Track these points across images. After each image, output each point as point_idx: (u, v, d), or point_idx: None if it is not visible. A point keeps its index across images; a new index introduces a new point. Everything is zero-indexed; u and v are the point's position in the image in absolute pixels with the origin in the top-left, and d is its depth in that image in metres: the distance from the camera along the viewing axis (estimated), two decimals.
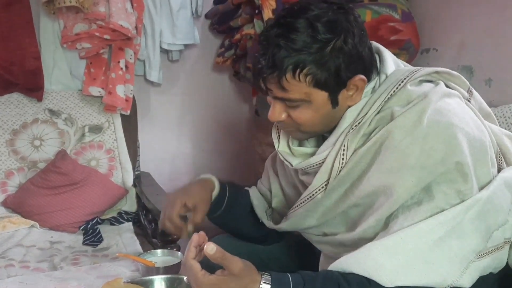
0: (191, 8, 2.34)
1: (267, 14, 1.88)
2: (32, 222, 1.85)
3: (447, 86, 0.97)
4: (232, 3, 2.15)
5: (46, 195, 1.91)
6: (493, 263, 0.91)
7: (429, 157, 0.85)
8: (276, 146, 1.08)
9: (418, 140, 0.85)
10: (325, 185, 0.97)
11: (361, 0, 1.96)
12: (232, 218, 1.21)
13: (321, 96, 0.92)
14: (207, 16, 2.42)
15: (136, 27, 2.07)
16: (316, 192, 0.99)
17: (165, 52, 2.40)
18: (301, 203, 1.03)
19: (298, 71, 0.89)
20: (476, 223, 0.85)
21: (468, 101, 1.00)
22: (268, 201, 1.24)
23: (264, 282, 0.84)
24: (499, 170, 0.94)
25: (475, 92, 1.03)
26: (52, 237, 1.81)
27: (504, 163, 0.97)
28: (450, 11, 1.90)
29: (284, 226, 1.11)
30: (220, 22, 2.32)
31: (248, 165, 2.71)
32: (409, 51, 1.93)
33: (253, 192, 1.26)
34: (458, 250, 0.84)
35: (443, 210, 0.84)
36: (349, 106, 0.95)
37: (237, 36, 2.12)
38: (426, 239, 0.83)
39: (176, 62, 2.48)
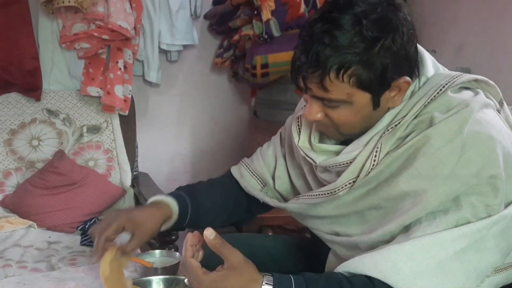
0: (190, 8, 2.34)
1: (266, 15, 1.89)
2: (30, 222, 1.84)
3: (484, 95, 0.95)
4: (231, 4, 2.15)
5: (44, 195, 1.90)
6: (507, 279, 0.90)
7: (465, 168, 0.83)
8: (296, 140, 1.03)
9: (456, 150, 0.83)
10: (351, 183, 0.94)
11: None
12: (202, 222, 1.15)
13: (363, 97, 0.88)
14: (206, 17, 2.43)
15: (134, 27, 2.07)
16: (339, 189, 0.95)
17: (163, 52, 2.40)
18: (318, 195, 0.99)
19: (342, 71, 0.84)
20: (499, 239, 0.84)
21: (499, 112, 0.97)
22: (262, 179, 1.19)
23: (266, 283, 0.83)
24: None
25: (505, 104, 1.00)
26: (50, 237, 1.80)
27: None
28: (448, 13, 1.91)
29: (292, 207, 1.07)
30: (219, 23, 2.33)
31: None
32: None
33: (238, 171, 1.22)
34: (477, 264, 0.83)
35: (468, 222, 0.83)
36: (389, 108, 0.91)
37: (236, 37, 2.12)
38: (448, 249, 0.82)
39: (174, 63, 2.48)
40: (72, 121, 2.11)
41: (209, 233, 0.82)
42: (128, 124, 2.20)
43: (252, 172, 1.21)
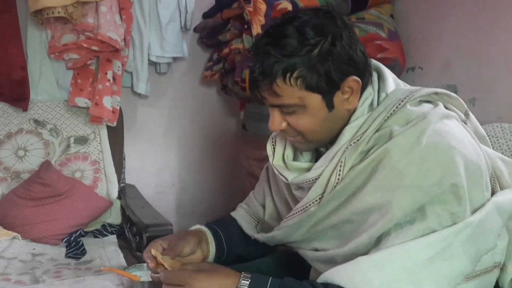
0: (180, 21, 2.35)
1: (256, 29, 1.90)
2: (14, 234, 1.82)
3: (445, 107, 0.98)
4: (221, 17, 2.16)
5: (29, 206, 1.88)
6: (480, 286, 0.91)
7: (426, 178, 0.84)
8: (270, 159, 1.08)
9: (415, 161, 0.85)
10: (319, 198, 0.97)
11: (349, 19, 1.98)
12: (234, 255, 1.21)
13: (314, 99, 0.92)
14: (196, 29, 2.44)
15: (124, 39, 2.07)
16: (309, 205, 0.99)
17: (153, 64, 2.40)
18: (294, 214, 1.03)
19: (288, 75, 0.89)
20: (466, 246, 0.86)
21: (465, 123, 1.01)
22: (258, 217, 1.25)
23: (243, 276, 0.89)
24: (492, 193, 0.94)
25: (471, 115, 1.04)
26: (34, 249, 1.78)
27: (498, 186, 0.98)
28: (435, 31, 1.94)
29: (276, 235, 1.11)
30: (209, 36, 2.33)
31: (235, 179, 2.71)
32: (395, 69, 1.95)
33: (239, 214, 1.27)
34: (446, 272, 0.84)
35: (434, 231, 0.85)
36: (348, 110, 0.96)
37: (226, 50, 2.13)
38: (415, 258, 0.84)
39: (164, 75, 2.48)
40: (59, 131, 2.09)
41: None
42: (116, 136, 2.19)
43: (248, 214, 1.27)
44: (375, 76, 0.99)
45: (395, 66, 1.95)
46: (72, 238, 1.86)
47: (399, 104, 0.92)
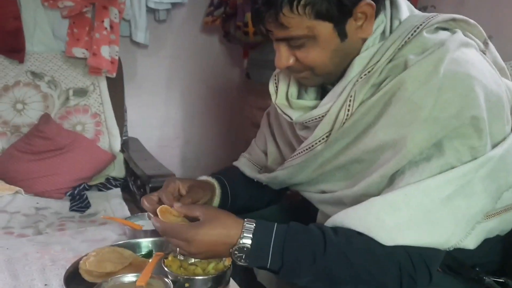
0: None
1: None
2: (17, 188, 1.79)
3: (463, 35, 0.90)
4: None
5: (30, 160, 1.85)
6: (500, 225, 0.88)
7: (444, 110, 0.78)
8: (273, 98, 1.01)
9: (432, 92, 0.79)
10: (326, 136, 0.91)
11: None
12: (239, 205, 1.16)
13: (325, 28, 0.84)
14: None
15: None
16: (316, 143, 0.93)
17: (151, 11, 2.32)
18: (299, 153, 0.97)
19: (295, 2, 0.81)
20: (487, 183, 0.80)
21: (483, 52, 0.93)
22: (261, 164, 1.19)
23: (247, 221, 0.82)
24: None
25: (490, 44, 0.96)
26: (37, 203, 1.76)
27: None
28: None
29: (279, 174, 1.05)
30: None
31: (239, 130, 2.66)
32: None
33: (242, 163, 1.22)
34: (465, 210, 0.79)
35: (453, 167, 0.79)
36: (362, 39, 0.87)
37: None
38: (433, 196, 0.78)
39: (163, 23, 2.40)
40: (57, 84, 2.03)
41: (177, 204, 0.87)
42: (116, 88, 2.13)
43: (250, 161, 1.21)
44: (387, 2, 0.91)
45: None
46: (75, 192, 1.84)
47: (415, 31, 0.85)
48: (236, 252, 0.81)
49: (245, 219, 0.83)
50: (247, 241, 0.80)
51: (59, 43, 2.10)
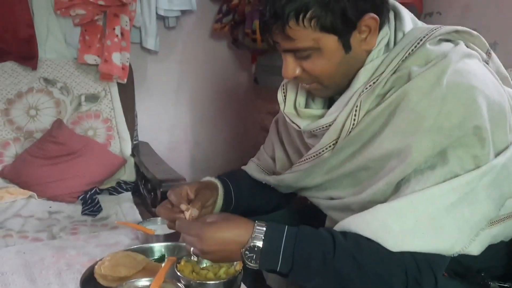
0: None
1: None
2: (30, 193, 1.83)
3: (466, 46, 0.92)
4: None
5: (43, 165, 1.89)
6: (505, 231, 0.89)
7: (447, 120, 0.80)
8: (281, 107, 1.03)
9: (436, 102, 0.81)
10: (333, 144, 0.93)
11: None
12: (243, 207, 1.18)
13: (330, 40, 0.86)
14: None
15: None
16: (323, 151, 0.95)
17: (161, 19, 2.35)
18: (306, 159, 1.00)
19: (301, 16, 0.84)
20: (490, 190, 0.82)
21: (486, 63, 0.95)
22: (270, 170, 1.21)
23: (258, 224, 0.84)
24: None
25: (493, 54, 0.98)
26: (50, 207, 1.79)
27: None
28: None
29: (287, 178, 1.08)
30: None
31: (248, 134, 2.69)
32: None
33: (250, 167, 1.24)
34: (469, 217, 0.81)
35: (457, 176, 0.81)
36: (367, 51, 0.90)
37: (235, 1, 2.07)
38: (437, 204, 0.80)
39: (173, 29, 2.43)
40: (69, 90, 2.07)
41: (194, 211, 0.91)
42: (127, 93, 2.17)
43: (259, 166, 1.23)
44: (391, 14, 0.93)
45: (412, 11, 1.86)
46: (87, 196, 1.87)
47: (418, 43, 0.87)
48: (247, 252, 0.82)
49: (256, 221, 0.85)
50: (259, 242, 0.82)
51: (71, 50, 2.14)
